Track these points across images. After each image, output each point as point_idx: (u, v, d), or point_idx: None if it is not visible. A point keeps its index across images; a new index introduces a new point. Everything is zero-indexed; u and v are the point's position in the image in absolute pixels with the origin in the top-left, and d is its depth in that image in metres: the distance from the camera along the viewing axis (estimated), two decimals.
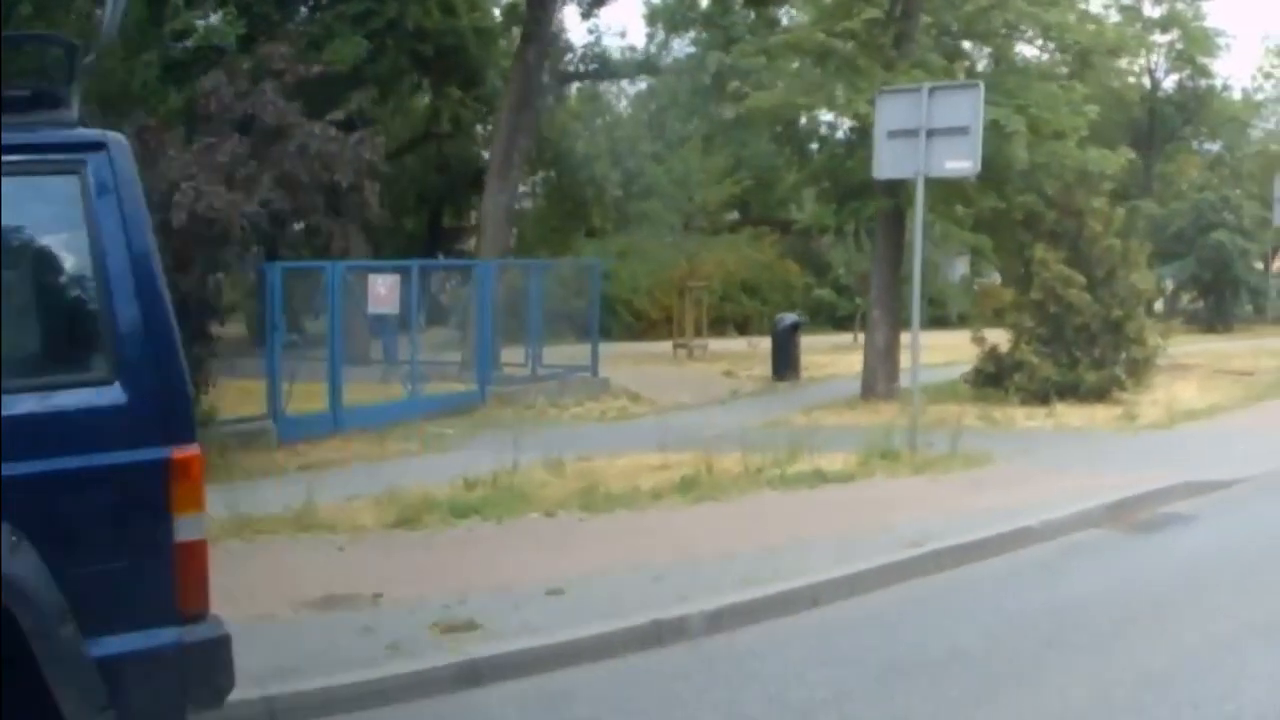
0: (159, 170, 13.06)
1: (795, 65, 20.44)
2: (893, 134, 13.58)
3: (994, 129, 16.77)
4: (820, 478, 11.73)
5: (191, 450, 4.35)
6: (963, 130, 13.09)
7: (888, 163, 13.92)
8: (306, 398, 16.52)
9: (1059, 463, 13.08)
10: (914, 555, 8.83)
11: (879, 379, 19.53)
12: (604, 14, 59.39)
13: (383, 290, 18.46)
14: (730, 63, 21.40)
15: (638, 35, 71.69)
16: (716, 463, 12.12)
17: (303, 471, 13.26)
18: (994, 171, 17.46)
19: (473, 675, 6.57)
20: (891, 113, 13.78)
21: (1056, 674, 6.61)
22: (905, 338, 17.83)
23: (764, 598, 7.76)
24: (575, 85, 32.89)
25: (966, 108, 13.23)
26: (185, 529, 4.33)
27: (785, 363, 23.71)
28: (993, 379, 19.10)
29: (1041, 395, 18.14)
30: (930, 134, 13.16)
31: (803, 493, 11.31)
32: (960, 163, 13.26)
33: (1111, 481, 11.69)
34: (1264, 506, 11.44)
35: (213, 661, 4.40)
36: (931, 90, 13.51)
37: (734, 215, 38.75)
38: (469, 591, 7.76)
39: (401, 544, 9.46)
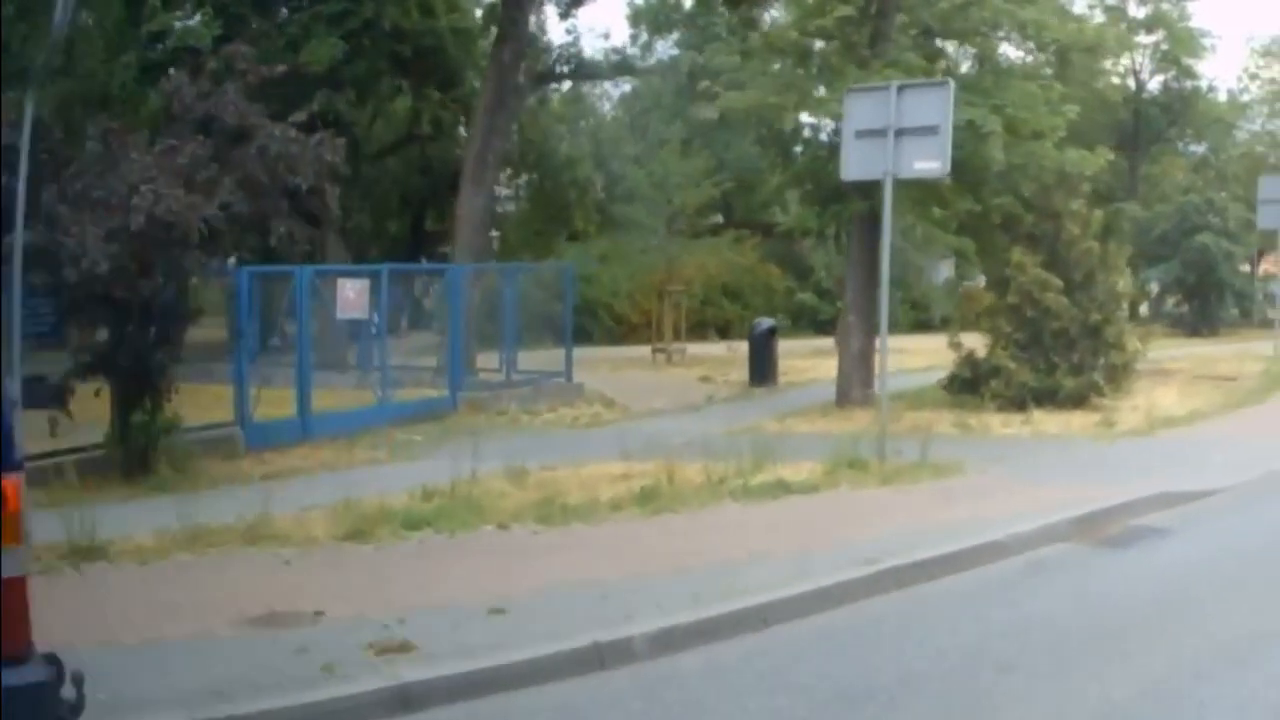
0: (119, 173, 12.85)
1: (777, 66, 20.17)
2: (860, 134, 13.21)
3: (970, 129, 16.50)
4: (784, 488, 11.45)
5: (11, 478, 4.04)
6: (932, 130, 12.71)
7: (855, 163, 13.54)
8: (280, 403, 16.30)
9: (1031, 472, 12.85)
10: (872, 572, 8.54)
11: (854, 385, 19.13)
12: (587, 15, 59.31)
13: (351, 295, 18.19)
14: (704, 63, 21.18)
15: (622, 37, 71.53)
16: (679, 472, 11.83)
17: (266, 480, 13.02)
18: (970, 173, 17.19)
19: (405, 700, 6.31)
20: (859, 112, 13.43)
21: (1012, 703, 6.35)
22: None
23: (712, 618, 7.47)
24: (553, 86, 32.64)
25: (936, 106, 12.86)
26: (3, 564, 4.01)
27: (762, 368, 23.43)
28: (969, 385, 18.76)
29: (1018, 401, 17.83)
30: (899, 134, 12.80)
31: (764, 504, 11.04)
32: (929, 163, 12.89)
33: (1083, 492, 11.39)
34: (1240, 519, 11.17)
35: (38, 708, 4.07)
36: (900, 88, 13.14)
37: (717, 218, 38.50)
38: (410, 610, 7.50)
39: (350, 558, 9.19)
